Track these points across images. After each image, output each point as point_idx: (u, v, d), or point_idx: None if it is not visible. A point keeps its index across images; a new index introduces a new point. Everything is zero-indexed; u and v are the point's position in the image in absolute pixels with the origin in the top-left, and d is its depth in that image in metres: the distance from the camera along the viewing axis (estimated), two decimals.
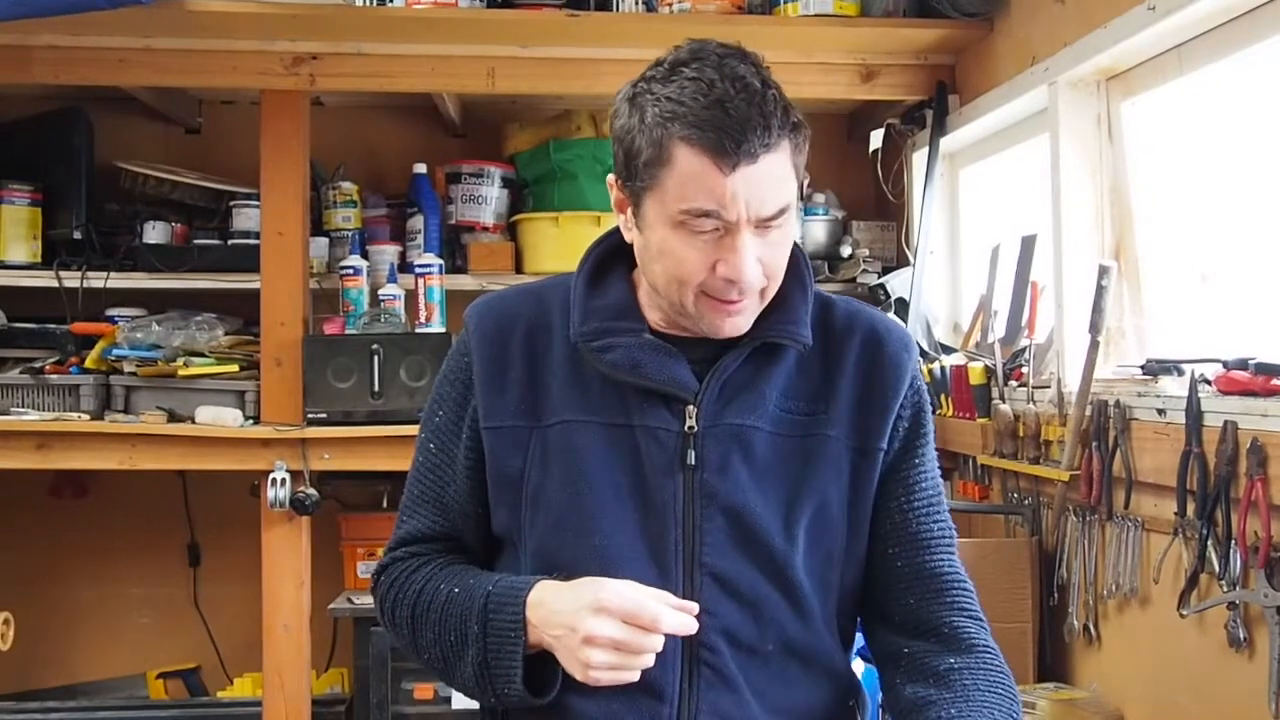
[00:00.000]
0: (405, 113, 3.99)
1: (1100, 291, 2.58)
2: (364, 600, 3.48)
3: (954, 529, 1.51)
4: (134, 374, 3.41)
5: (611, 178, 1.42)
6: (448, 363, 1.52)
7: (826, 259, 3.79)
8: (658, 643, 1.32)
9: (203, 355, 3.42)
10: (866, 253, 3.76)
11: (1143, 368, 2.46)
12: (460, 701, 3.39)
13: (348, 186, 3.75)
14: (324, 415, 3.33)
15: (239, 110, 3.88)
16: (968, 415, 3.11)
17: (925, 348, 3.39)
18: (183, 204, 3.70)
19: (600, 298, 1.45)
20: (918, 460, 1.48)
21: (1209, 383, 2.18)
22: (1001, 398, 2.96)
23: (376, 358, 3.33)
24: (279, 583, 3.39)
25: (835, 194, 3.91)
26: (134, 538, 4.03)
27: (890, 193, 3.79)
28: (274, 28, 3.26)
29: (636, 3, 3.32)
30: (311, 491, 3.34)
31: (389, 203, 3.84)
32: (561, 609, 1.33)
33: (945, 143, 3.48)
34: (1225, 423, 2.08)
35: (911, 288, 3.48)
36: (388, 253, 3.69)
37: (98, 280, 3.51)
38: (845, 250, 3.80)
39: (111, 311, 3.53)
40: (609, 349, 1.41)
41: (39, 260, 3.57)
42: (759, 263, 1.35)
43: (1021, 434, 2.84)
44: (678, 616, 1.32)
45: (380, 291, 3.53)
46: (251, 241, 3.54)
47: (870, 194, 4.01)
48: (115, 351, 3.41)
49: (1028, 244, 3.04)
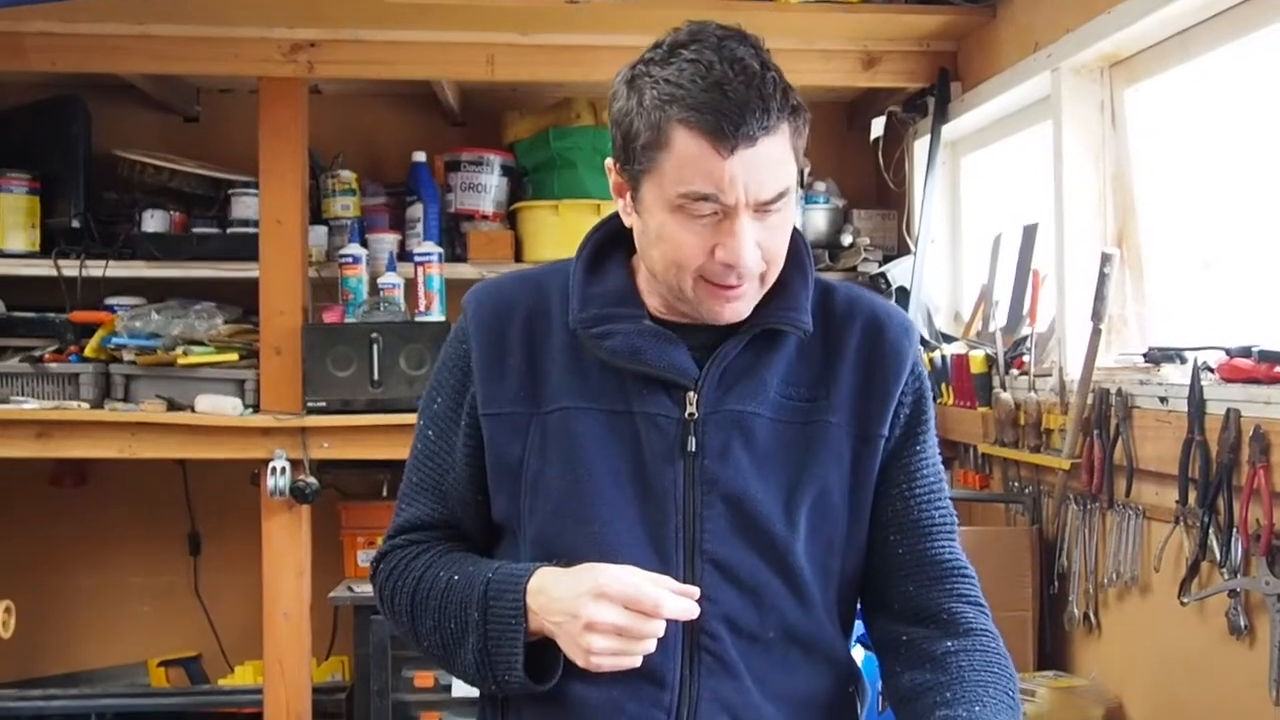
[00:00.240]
0: (404, 101, 3.97)
1: (1102, 279, 2.58)
2: (364, 588, 3.47)
3: (955, 516, 1.50)
4: (133, 363, 3.41)
5: (610, 161, 1.41)
6: (446, 349, 1.51)
7: (827, 248, 3.78)
8: (659, 628, 1.32)
9: (202, 344, 3.42)
10: (867, 241, 3.75)
11: (1145, 355, 2.46)
12: (460, 689, 3.39)
13: (347, 175, 3.73)
14: (323, 404, 3.33)
15: (237, 98, 3.87)
16: (968, 404, 3.11)
17: (926, 336, 3.38)
18: (181, 192, 3.69)
19: (599, 284, 1.44)
20: (919, 447, 1.47)
21: (1212, 370, 2.18)
22: (1003, 386, 2.95)
23: (376, 346, 3.33)
24: (279, 571, 3.39)
25: (836, 182, 3.90)
26: (134, 526, 4.03)
27: (891, 181, 3.78)
28: (272, 14, 3.25)
29: None
30: (311, 480, 3.33)
31: (388, 191, 3.83)
32: (562, 595, 1.32)
33: (947, 130, 3.47)
34: (1228, 410, 2.08)
35: (912, 276, 3.47)
36: (387, 241, 3.68)
37: (96, 269, 3.51)
38: (846, 239, 3.79)
39: (110, 300, 3.53)
40: (608, 335, 1.39)
41: (37, 249, 3.56)
42: (758, 247, 1.33)
43: (1022, 423, 2.84)
44: (679, 601, 1.32)
45: (379, 280, 3.52)
46: (250, 230, 3.53)
47: (871, 182, 4.00)
48: (115, 340, 3.41)
49: (1029, 232, 3.04)
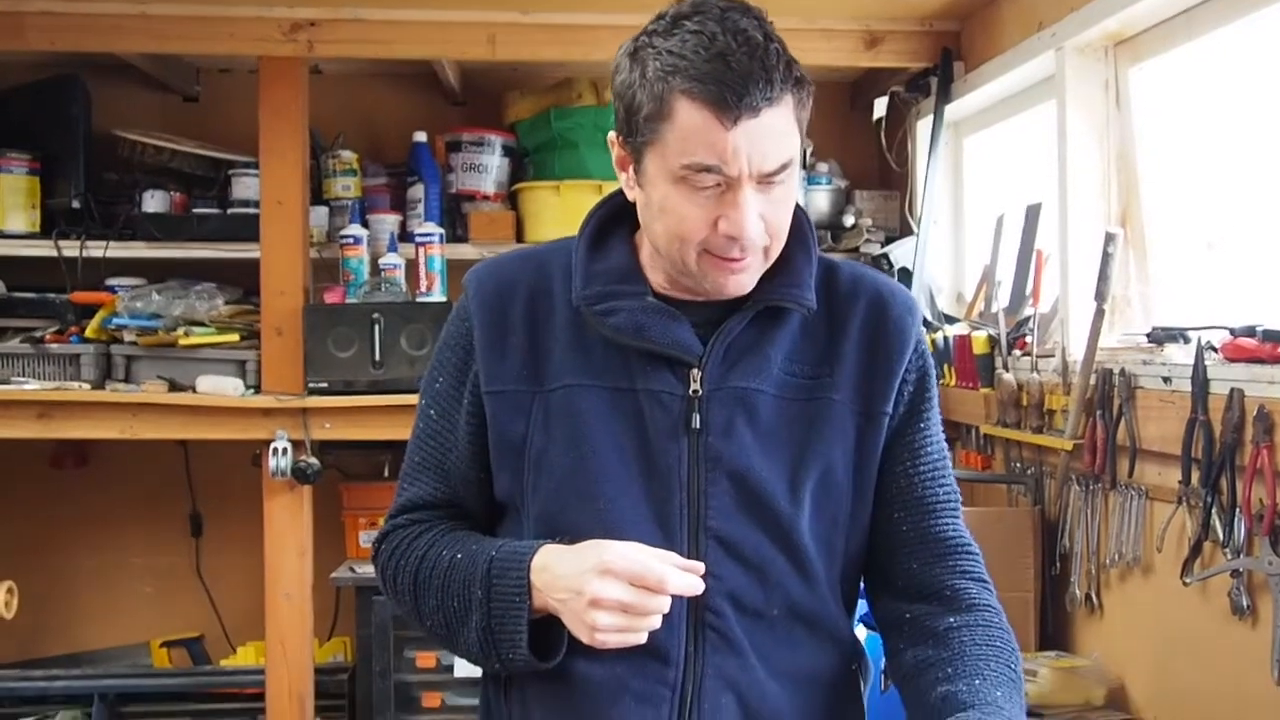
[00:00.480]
0: (405, 81, 3.96)
1: (1106, 259, 2.57)
2: (366, 569, 3.48)
3: (959, 494, 1.50)
4: (134, 343, 3.41)
5: (612, 135, 1.40)
6: (447, 328, 1.50)
7: (829, 228, 3.77)
8: (664, 604, 1.31)
9: (203, 324, 3.42)
10: (869, 222, 3.74)
11: (1148, 336, 2.45)
12: (462, 669, 3.40)
13: (347, 155, 3.72)
14: (325, 384, 3.33)
15: (237, 78, 3.85)
16: (971, 385, 3.10)
17: (929, 317, 3.38)
18: (181, 173, 3.69)
19: (602, 261, 1.43)
20: (923, 424, 1.47)
21: (1215, 350, 2.17)
22: (1005, 367, 2.95)
23: (377, 327, 3.32)
24: (281, 552, 3.40)
25: (838, 163, 3.89)
26: (136, 507, 4.04)
27: (894, 162, 3.77)
28: None
29: None
30: (313, 461, 3.34)
31: (389, 171, 3.82)
32: (566, 572, 1.32)
33: (950, 111, 3.46)
34: (1231, 390, 2.07)
35: (915, 257, 3.46)
36: (388, 222, 3.67)
37: (97, 249, 3.50)
38: (848, 220, 3.78)
39: (111, 281, 3.52)
40: (612, 312, 1.39)
41: (38, 229, 3.56)
42: (761, 220, 1.33)
43: (1025, 403, 2.83)
44: (684, 577, 1.32)
45: (381, 261, 3.52)
46: (251, 210, 3.52)
47: (873, 163, 3.99)
48: (115, 321, 3.41)
49: (1032, 212, 3.03)
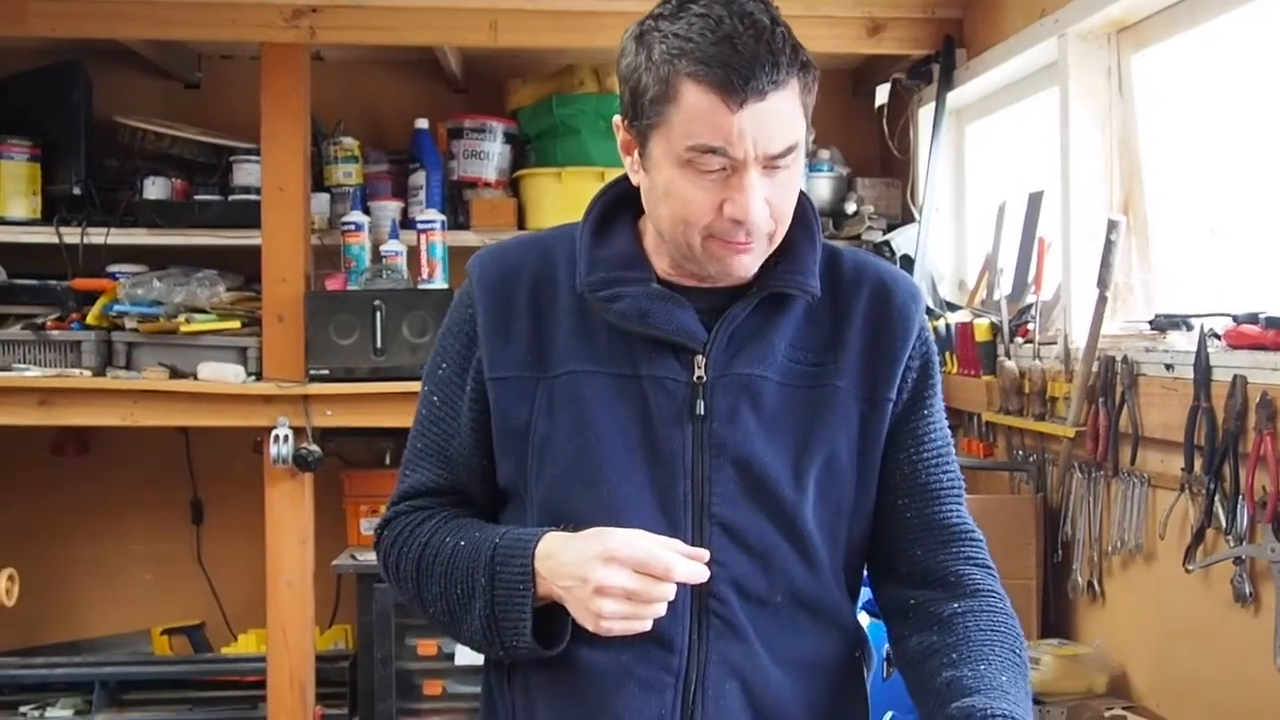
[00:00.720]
0: (406, 67, 3.95)
1: (1108, 246, 2.57)
2: (367, 556, 3.48)
3: (963, 480, 1.50)
4: (136, 330, 3.41)
5: (618, 119, 1.40)
6: (450, 314, 1.50)
7: (831, 216, 3.76)
8: (670, 591, 1.31)
9: (204, 311, 3.41)
10: (871, 210, 3.74)
11: (1151, 323, 2.45)
12: (464, 657, 3.40)
13: (349, 142, 3.72)
14: (326, 371, 3.33)
15: (238, 65, 3.84)
16: (973, 372, 3.10)
17: (931, 305, 3.37)
18: (183, 159, 3.68)
19: (606, 247, 1.43)
20: (926, 411, 1.47)
21: (1218, 337, 2.17)
22: (1007, 354, 2.95)
23: (379, 314, 3.32)
24: (282, 539, 3.40)
25: (840, 150, 3.88)
26: (136, 494, 4.04)
27: (896, 149, 3.76)
28: None
29: None
30: (314, 448, 3.34)
31: (391, 158, 3.81)
32: (571, 560, 1.32)
33: (952, 98, 3.45)
34: (1234, 377, 2.07)
35: (917, 245, 3.45)
36: (389, 209, 3.67)
37: (98, 236, 3.50)
38: (850, 207, 3.78)
39: (112, 268, 3.52)
40: (616, 298, 1.39)
41: (39, 216, 3.56)
42: (766, 204, 1.33)
43: (1027, 391, 2.83)
44: (690, 565, 1.31)
45: (382, 247, 3.52)
46: (252, 197, 3.52)
47: (875, 150, 3.98)
48: (117, 308, 3.40)
49: (1035, 200, 3.02)
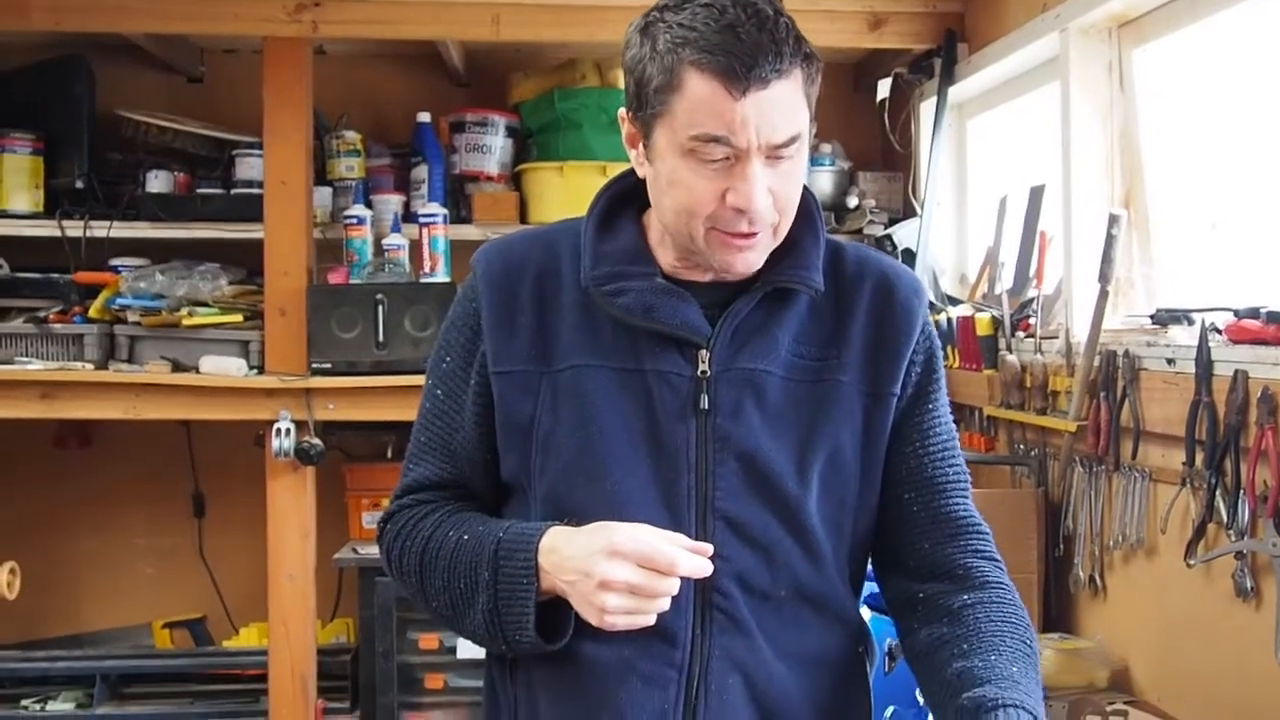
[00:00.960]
0: (409, 61, 3.95)
1: (1109, 240, 2.57)
2: (369, 550, 3.49)
3: (968, 473, 1.51)
4: (138, 324, 3.41)
5: (623, 111, 1.40)
6: (455, 308, 1.50)
7: (833, 210, 3.76)
8: (674, 586, 1.31)
9: (206, 305, 3.42)
10: (873, 204, 3.73)
11: (1152, 317, 2.45)
12: (466, 650, 3.41)
13: (351, 136, 3.72)
14: (328, 365, 3.33)
15: (241, 59, 3.85)
16: (974, 366, 3.10)
17: (932, 299, 3.37)
18: (185, 153, 3.68)
19: (611, 241, 1.43)
20: (931, 405, 1.47)
21: (1219, 332, 2.17)
22: (1008, 349, 2.95)
23: (381, 307, 3.32)
24: (284, 533, 3.40)
25: (841, 145, 3.88)
26: (138, 488, 4.04)
27: (897, 143, 3.76)
28: None
29: None
30: (316, 441, 3.34)
31: (393, 152, 3.82)
32: (574, 554, 1.32)
33: (953, 92, 3.45)
34: (1236, 372, 2.07)
35: (918, 239, 3.46)
36: (392, 202, 3.67)
37: (100, 230, 3.50)
38: (851, 201, 3.78)
39: (115, 261, 3.52)
40: (621, 293, 1.39)
41: (41, 209, 3.56)
42: (770, 194, 1.33)
43: (1028, 385, 2.83)
44: (694, 559, 1.32)
45: (384, 241, 3.52)
46: (255, 191, 3.52)
47: (877, 145, 3.98)
48: (119, 301, 3.41)
49: (1036, 194, 3.03)
